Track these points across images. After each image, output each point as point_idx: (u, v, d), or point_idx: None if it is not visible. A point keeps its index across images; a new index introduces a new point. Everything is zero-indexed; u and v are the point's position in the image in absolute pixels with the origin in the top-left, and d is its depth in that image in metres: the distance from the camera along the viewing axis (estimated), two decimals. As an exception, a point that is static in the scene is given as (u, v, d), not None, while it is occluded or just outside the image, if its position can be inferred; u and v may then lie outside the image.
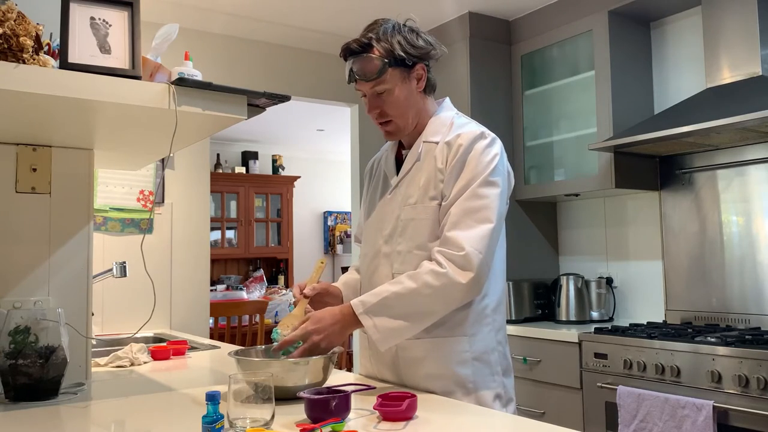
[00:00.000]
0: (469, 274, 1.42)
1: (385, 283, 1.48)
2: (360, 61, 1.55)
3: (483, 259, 1.43)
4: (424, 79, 1.61)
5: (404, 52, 1.55)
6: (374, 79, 1.55)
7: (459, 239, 1.44)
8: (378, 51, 1.54)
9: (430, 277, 1.43)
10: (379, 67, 1.53)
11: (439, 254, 1.45)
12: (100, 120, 1.52)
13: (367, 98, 1.61)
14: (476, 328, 1.54)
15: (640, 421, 2.36)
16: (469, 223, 1.45)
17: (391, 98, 1.57)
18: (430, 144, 1.59)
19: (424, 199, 1.54)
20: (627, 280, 3.21)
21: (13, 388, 1.46)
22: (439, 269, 1.43)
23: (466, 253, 1.42)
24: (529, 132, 3.41)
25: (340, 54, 1.60)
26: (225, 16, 3.40)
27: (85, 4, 1.40)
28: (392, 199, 1.62)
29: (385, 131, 1.63)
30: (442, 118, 1.62)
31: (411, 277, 1.45)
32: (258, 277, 6.51)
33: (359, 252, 1.75)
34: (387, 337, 1.44)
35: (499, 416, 1.37)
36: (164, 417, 1.36)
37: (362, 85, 1.58)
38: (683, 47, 3.03)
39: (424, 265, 1.46)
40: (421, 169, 1.57)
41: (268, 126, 6.32)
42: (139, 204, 3.22)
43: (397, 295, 1.44)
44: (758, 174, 2.71)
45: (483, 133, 1.55)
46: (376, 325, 1.44)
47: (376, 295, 1.46)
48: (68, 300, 1.69)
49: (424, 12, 3.39)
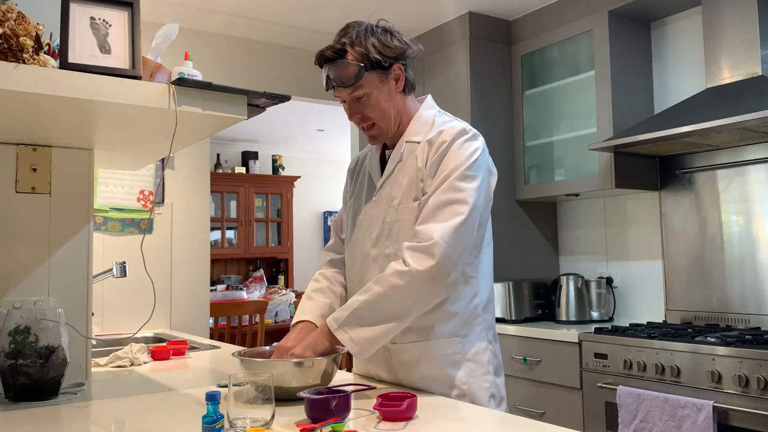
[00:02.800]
0: (428, 262, 1.40)
1: (355, 293, 1.48)
2: (335, 68, 1.53)
3: (448, 250, 1.41)
4: (402, 78, 1.59)
5: (379, 54, 1.52)
6: (351, 84, 1.53)
7: (429, 231, 1.43)
8: (353, 56, 1.52)
9: (394, 278, 1.42)
10: (355, 72, 1.51)
11: (407, 249, 1.44)
12: (100, 120, 1.51)
13: (346, 104, 1.59)
14: (468, 328, 1.53)
15: (640, 421, 2.36)
16: (443, 215, 1.44)
17: (370, 102, 1.55)
18: (412, 144, 1.58)
19: (407, 200, 1.54)
20: (627, 280, 3.21)
21: (13, 388, 1.46)
22: (403, 268, 1.42)
23: (432, 243, 1.41)
24: (529, 132, 3.41)
25: (315, 62, 1.57)
26: (225, 16, 3.40)
27: (85, 4, 1.40)
28: (377, 202, 1.61)
29: (369, 136, 1.62)
30: (424, 117, 1.61)
31: (377, 281, 1.44)
32: (258, 277, 6.51)
33: (346, 254, 1.72)
34: (365, 347, 1.44)
35: (500, 417, 1.37)
36: (164, 417, 1.36)
37: (340, 92, 1.56)
38: (683, 47, 3.03)
39: (390, 266, 1.45)
40: (403, 170, 1.57)
41: (268, 126, 6.32)
42: (139, 204, 3.22)
43: (367, 303, 1.43)
44: (758, 174, 2.71)
45: (465, 129, 1.54)
46: (352, 338, 1.43)
47: (348, 307, 1.45)
48: (68, 300, 1.69)
49: (424, 12, 3.38)
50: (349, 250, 1.70)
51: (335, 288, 1.74)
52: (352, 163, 1.81)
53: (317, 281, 1.76)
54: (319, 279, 1.76)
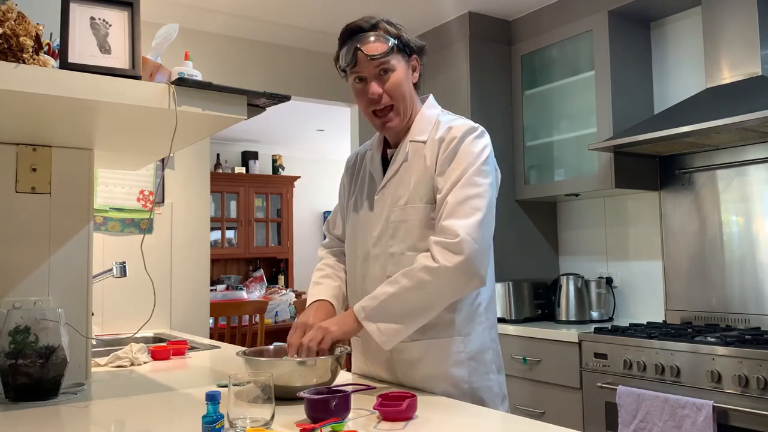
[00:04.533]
0: (457, 258, 1.41)
1: (383, 284, 1.48)
2: (369, 38, 1.52)
3: (476, 246, 1.42)
4: (418, 71, 1.61)
5: (408, 39, 1.56)
6: (383, 56, 1.52)
7: (454, 227, 1.43)
8: (387, 31, 1.54)
9: (424, 274, 1.43)
10: (388, 45, 1.52)
11: (435, 244, 1.45)
12: (100, 120, 1.52)
13: (366, 83, 1.55)
14: (470, 327, 1.54)
15: (640, 421, 2.36)
16: (466, 211, 1.45)
17: (395, 80, 1.54)
18: (417, 143, 1.58)
19: (414, 200, 1.54)
20: (627, 280, 3.21)
21: (13, 388, 1.46)
22: (432, 264, 1.43)
23: (460, 239, 1.42)
24: (529, 132, 3.41)
25: (340, 36, 1.56)
26: (225, 16, 3.40)
27: (85, 4, 1.40)
28: (380, 201, 1.60)
29: (382, 122, 1.57)
30: (428, 117, 1.61)
31: (406, 275, 1.45)
32: (258, 277, 6.51)
33: (347, 252, 1.72)
34: (391, 338, 1.45)
35: (499, 416, 1.37)
36: (164, 417, 1.36)
37: (366, 66, 1.53)
38: (683, 47, 3.03)
39: (418, 261, 1.45)
40: (410, 170, 1.56)
41: (268, 126, 6.32)
42: (139, 204, 3.22)
43: (395, 296, 1.44)
44: (758, 174, 2.71)
45: (474, 126, 1.55)
46: (380, 328, 1.44)
47: (375, 298, 1.46)
48: (68, 300, 1.69)
49: (424, 12, 3.38)
50: (349, 249, 1.70)
51: (340, 273, 1.76)
52: (350, 159, 1.80)
53: (321, 269, 1.77)
54: (323, 267, 1.78)
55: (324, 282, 1.73)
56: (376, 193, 1.62)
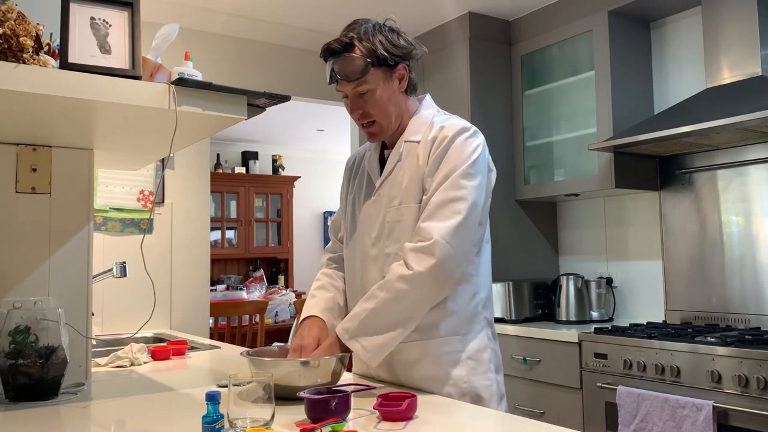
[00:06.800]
0: (429, 261, 1.41)
1: (361, 300, 1.49)
2: (342, 61, 1.52)
3: (450, 250, 1.42)
4: (406, 79, 1.59)
5: (386, 52, 1.53)
6: (357, 79, 1.52)
7: (430, 229, 1.44)
8: (360, 50, 1.52)
9: (401, 284, 1.43)
10: (361, 66, 1.51)
11: (409, 250, 1.45)
12: (100, 120, 1.52)
13: (348, 99, 1.58)
14: (468, 326, 1.54)
15: (640, 421, 2.36)
16: (445, 214, 1.45)
17: (373, 98, 1.54)
18: (411, 143, 1.58)
19: (407, 200, 1.54)
20: (627, 280, 3.21)
21: (13, 388, 1.46)
22: (406, 272, 1.43)
23: (433, 242, 1.42)
24: (529, 132, 3.41)
25: (320, 55, 1.57)
26: (225, 16, 3.40)
27: (85, 4, 1.40)
28: (376, 201, 1.61)
29: (368, 133, 1.61)
30: (423, 117, 1.61)
31: (383, 288, 1.45)
32: (258, 277, 6.51)
33: (345, 254, 1.72)
34: (377, 353, 1.45)
35: (499, 416, 1.37)
36: (164, 417, 1.36)
37: (344, 86, 1.55)
38: (683, 47, 3.03)
39: (393, 270, 1.46)
40: (403, 170, 1.57)
41: (268, 126, 6.32)
42: (139, 204, 3.22)
43: (374, 311, 1.44)
44: (758, 174, 2.71)
45: (465, 126, 1.55)
46: (364, 346, 1.45)
47: (356, 317, 1.46)
48: (68, 300, 1.69)
49: (424, 12, 3.38)
50: (348, 250, 1.70)
51: (336, 283, 1.76)
52: (349, 161, 1.80)
53: (319, 279, 1.78)
54: (321, 277, 1.79)
55: (318, 294, 1.73)
56: (373, 194, 1.62)
